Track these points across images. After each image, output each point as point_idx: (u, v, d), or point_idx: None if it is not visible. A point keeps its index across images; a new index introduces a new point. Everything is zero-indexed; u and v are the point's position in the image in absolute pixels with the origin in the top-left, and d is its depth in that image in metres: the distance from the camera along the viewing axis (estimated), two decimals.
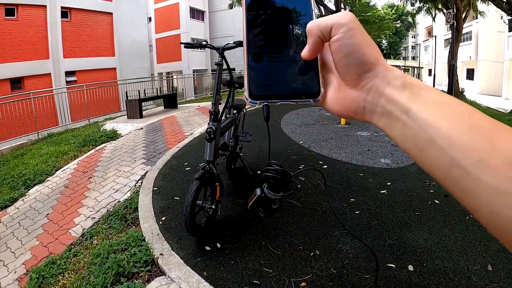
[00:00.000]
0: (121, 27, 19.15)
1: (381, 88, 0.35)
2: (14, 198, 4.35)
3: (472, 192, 0.28)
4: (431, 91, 0.34)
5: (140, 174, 4.41)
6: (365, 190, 3.54)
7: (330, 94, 0.41)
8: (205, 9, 27.98)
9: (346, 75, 0.37)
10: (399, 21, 46.19)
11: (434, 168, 0.31)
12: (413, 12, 21.69)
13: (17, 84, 14.25)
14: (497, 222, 0.27)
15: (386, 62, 0.37)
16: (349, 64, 0.36)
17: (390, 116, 0.35)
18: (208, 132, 2.65)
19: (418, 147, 0.32)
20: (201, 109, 9.61)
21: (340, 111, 0.40)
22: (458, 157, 0.29)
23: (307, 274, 2.27)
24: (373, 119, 0.37)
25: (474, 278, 2.18)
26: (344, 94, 0.39)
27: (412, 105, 0.33)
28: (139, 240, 2.78)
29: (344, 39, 0.35)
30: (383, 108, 0.35)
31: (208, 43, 3.01)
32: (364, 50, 0.35)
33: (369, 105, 0.37)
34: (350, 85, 0.38)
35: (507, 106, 15.91)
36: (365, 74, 0.36)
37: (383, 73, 0.36)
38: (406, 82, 0.35)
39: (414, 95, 0.33)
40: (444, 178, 0.31)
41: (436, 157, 0.30)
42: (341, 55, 0.36)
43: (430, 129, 0.31)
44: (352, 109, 0.38)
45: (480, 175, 0.27)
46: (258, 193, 0.69)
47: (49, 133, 8.32)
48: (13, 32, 13.98)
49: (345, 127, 6.33)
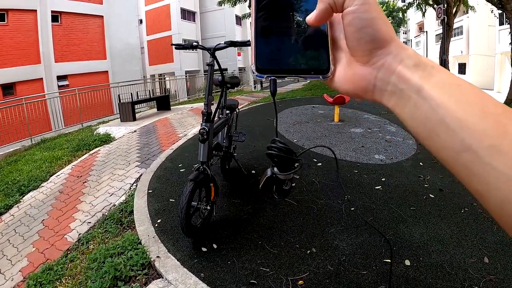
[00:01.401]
0: (112, 30, 19.04)
1: (393, 66, 0.34)
2: (9, 205, 4.30)
3: (482, 177, 0.28)
4: (444, 72, 0.33)
5: (134, 177, 4.39)
6: (360, 186, 3.55)
7: (339, 71, 0.39)
8: (196, 10, 27.91)
9: (357, 50, 0.36)
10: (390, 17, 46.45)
11: (444, 151, 0.31)
12: (404, 8, 21.77)
13: (9, 90, 14.13)
14: (506, 209, 0.27)
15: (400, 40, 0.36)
16: (362, 38, 0.35)
17: (401, 95, 0.34)
18: (201, 133, 2.64)
19: (428, 128, 0.32)
20: (194, 110, 9.59)
21: (349, 89, 0.39)
22: (469, 140, 0.28)
23: (304, 272, 2.28)
24: (383, 98, 0.36)
25: (471, 271, 2.20)
26: (354, 71, 0.37)
27: (424, 84, 0.32)
28: (135, 243, 2.77)
29: (359, 12, 0.34)
30: (394, 87, 0.34)
31: (199, 43, 3.00)
32: (379, 26, 0.34)
33: (379, 83, 0.35)
34: (360, 61, 0.36)
35: (499, 99, 16.02)
36: (378, 50, 0.35)
37: (396, 51, 0.34)
38: (419, 61, 0.34)
39: (426, 74, 0.33)
40: (453, 161, 0.30)
41: (446, 139, 0.30)
42: (354, 28, 0.35)
43: (442, 110, 0.30)
44: (362, 86, 0.37)
45: (491, 160, 0.27)
46: (269, 173, 0.67)
47: (42, 139, 8.24)
48: (3, 37, 13.86)
49: (339, 124, 6.35)
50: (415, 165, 4.09)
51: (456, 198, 3.20)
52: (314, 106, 8.57)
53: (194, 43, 2.96)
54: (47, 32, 15.57)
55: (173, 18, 25.93)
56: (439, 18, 13.26)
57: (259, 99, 11.02)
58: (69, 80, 16.67)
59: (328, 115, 7.20)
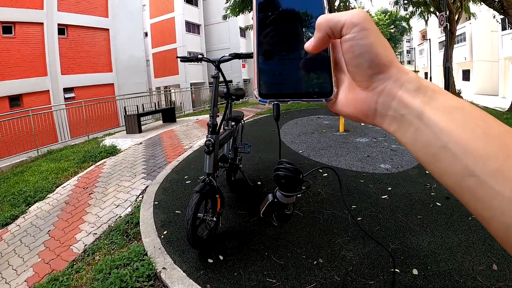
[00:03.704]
0: (118, 42, 19.32)
1: (394, 91, 0.34)
2: (15, 216, 4.32)
3: (486, 202, 0.27)
4: (446, 95, 0.32)
5: (140, 189, 4.41)
6: (366, 196, 3.53)
7: (341, 94, 0.39)
8: (200, 22, 28.26)
9: (357, 75, 0.36)
10: (393, 26, 46.67)
11: (447, 176, 0.30)
12: (407, 17, 21.88)
13: (16, 101, 14.32)
14: (511, 234, 0.26)
15: (400, 64, 0.35)
16: (360, 64, 0.35)
17: (402, 120, 0.33)
18: (207, 145, 2.65)
19: (430, 154, 0.31)
20: (200, 122, 9.64)
21: (350, 113, 0.38)
22: (473, 165, 0.28)
23: (311, 283, 2.26)
24: (383, 123, 0.35)
25: (479, 279, 2.17)
26: (355, 95, 0.37)
27: (426, 109, 0.31)
28: (141, 254, 2.77)
29: (356, 39, 0.34)
30: (395, 112, 0.34)
31: (204, 56, 3.03)
32: (378, 51, 0.34)
33: (380, 108, 0.35)
34: (361, 86, 0.36)
35: (504, 104, 15.95)
36: (377, 75, 0.34)
37: (396, 76, 0.34)
38: (420, 85, 0.33)
39: (428, 99, 0.32)
40: (457, 186, 0.29)
41: (449, 165, 0.29)
42: (352, 55, 0.35)
43: (444, 135, 0.30)
44: (363, 111, 0.37)
45: (495, 185, 0.26)
46: (270, 198, 0.66)
47: (48, 150, 8.30)
48: (11, 50, 14.10)
49: (344, 134, 6.35)
50: (421, 173, 4.07)
51: (463, 206, 3.14)
52: (319, 116, 8.58)
53: (199, 55, 2.99)
54: (53, 44, 15.83)
55: (178, 30, 26.26)
56: (442, 26, 13.27)
57: (264, 111, 11.06)
58: (75, 92, 16.88)
59: (333, 125, 7.20)
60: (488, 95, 23.57)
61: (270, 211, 0.67)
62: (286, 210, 0.69)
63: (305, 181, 0.64)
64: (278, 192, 0.64)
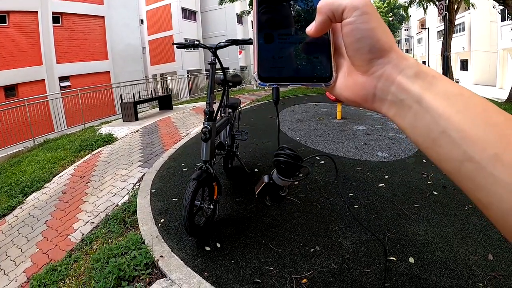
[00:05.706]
0: (114, 30, 19.04)
1: (393, 76, 0.34)
2: (12, 206, 4.32)
3: (485, 188, 0.27)
4: (445, 81, 0.32)
5: (137, 177, 4.40)
6: (363, 184, 3.54)
7: (340, 79, 0.39)
8: (197, 9, 27.93)
9: (356, 60, 0.36)
10: (392, 14, 46.30)
11: (445, 161, 0.30)
12: (405, 5, 21.68)
13: (11, 91, 14.16)
14: (509, 219, 0.26)
15: (400, 50, 0.35)
16: (360, 49, 0.35)
17: (402, 105, 0.33)
18: (204, 132, 2.64)
19: (429, 139, 0.31)
20: (196, 110, 9.59)
21: (349, 98, 0.38)
22: (471, 151, 0.28)
23: (308, 270, 2.27)
24: (382, 108, 0.36)
25: (475, 268, 2.18)
26: (354, 80, 0.37)
27: (425, 94, 0.31)
28: (139, 243, 2.77)
29: (356, 23, 0.34)
30: (394, 97, 0.34)
31: (200, 42, 2.99)
32: (378, 36, 0.34)
33: (379, 93, 0.35)
34: (360, 70, 0.36)
35: (502, 95, 15.95)
36: (377, 60, 0.34)
37: (395, 61, 0.34)
38: (420, 71, 0.33)
39: (427, 84, 0.32)
40: (455, 172, 0.30)
41: (448, 150, 0.29)
42: (352, 39, 0.35)
43: (443, 120, 0.30)
44: (362, 95, 0.37)
45: (494, 171, 0.26)
46: (266, 180, 0.67)
47: (45, 140, 8.28)
48: (5, 39, 13.86)
49: (341, 122, 6.33)
50: (418, 162, 4.07)
51: (460, 195, 3.17)
52: (316, 104, 8.55)
53: (196, 42, 2.95)
54: (48, 33, 15.58)
55: (174, 17, 25.96)
56: (441, 15, 13.19)
57: (261, 98, 11.01)
58: (71, 81, 16.69)
59: (331, 112, 7.18)
60: (486, 85, 23.58)
61: (265, 192, 0.68)
62: (281, 192, 0.69)
63: (304, 167, 0.64)
64: (275, 175, 0.65)
